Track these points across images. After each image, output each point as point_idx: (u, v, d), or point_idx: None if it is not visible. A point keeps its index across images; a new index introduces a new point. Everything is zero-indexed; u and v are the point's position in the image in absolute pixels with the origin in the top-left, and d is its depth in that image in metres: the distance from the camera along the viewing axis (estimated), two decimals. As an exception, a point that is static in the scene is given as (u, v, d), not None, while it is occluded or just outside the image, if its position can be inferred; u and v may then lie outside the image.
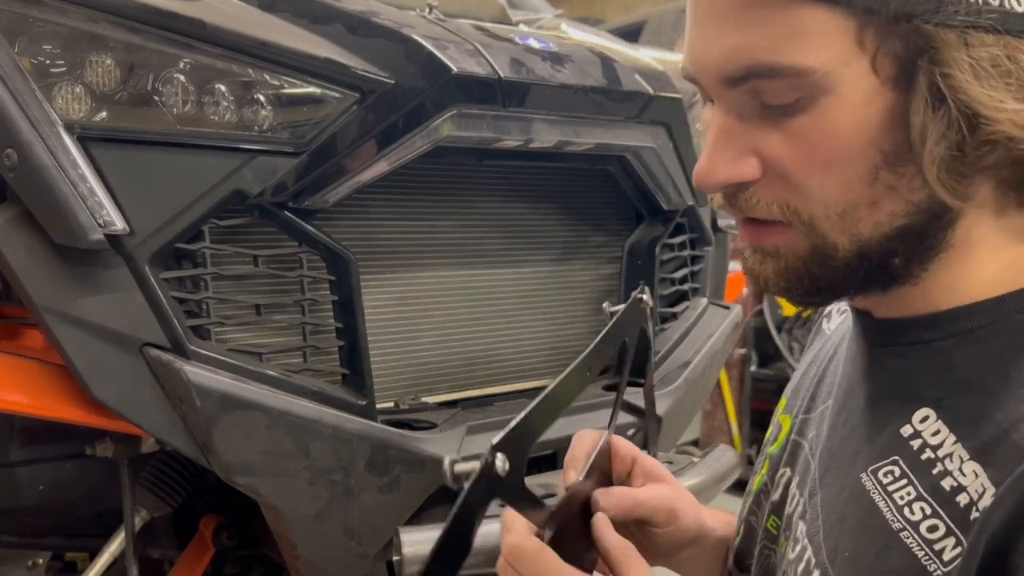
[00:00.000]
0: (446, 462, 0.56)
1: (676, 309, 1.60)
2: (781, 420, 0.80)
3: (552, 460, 1.42)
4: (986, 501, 0.51)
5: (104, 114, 1.05)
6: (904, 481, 0.57)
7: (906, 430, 0.58)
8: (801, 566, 0.65)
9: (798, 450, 0.74)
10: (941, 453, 0.55)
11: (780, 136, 0.57)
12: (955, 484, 0.54)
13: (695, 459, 1.39)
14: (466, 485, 0.56)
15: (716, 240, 1.71)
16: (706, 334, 1.59)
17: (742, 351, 3.82)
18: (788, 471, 0.74)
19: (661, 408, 1.45)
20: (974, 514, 0.52)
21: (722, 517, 0.93)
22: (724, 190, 0.61)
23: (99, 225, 1.01)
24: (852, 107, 0.54)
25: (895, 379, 0.62)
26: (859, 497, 0.60)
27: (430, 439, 1.20)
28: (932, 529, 0.54)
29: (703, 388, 1.63)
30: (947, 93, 0.52)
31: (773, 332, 3.79)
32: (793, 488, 0.72)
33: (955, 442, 0.55)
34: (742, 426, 3.85)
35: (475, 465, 0.58)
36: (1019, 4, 0.51)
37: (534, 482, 1.28)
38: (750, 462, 3.21)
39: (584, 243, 1.50)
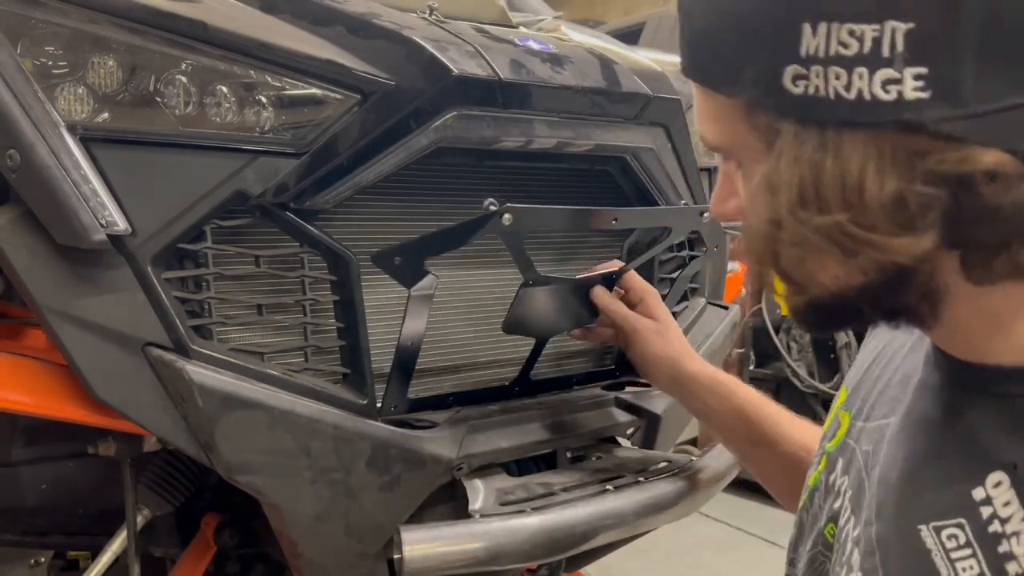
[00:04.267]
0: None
1: (675, 309, 1.61)
2: (841, 416, 0.78)
3: (552, 459, 1.42)
4: None
5: (106, 115, 1.05)
6: (968, 551, 0.55)
7: (978, 493, 0.55)
8: None
9: (853, 457, 0.72)
10: (1009, 529, 0.53)
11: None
12: (1020, 571, 0.52)
13: (694, 458, 1.39)
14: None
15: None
16: (705, 334, 1.59)
17: (740, 351, 3.82)
18: (846, 480, 0.72)
19: (660, 407, 1.45)
20: None
21: (711, 371, 1.18)
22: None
23: (101, 225, 1.01)
24: (752, 177, 0.61)
25: (971, 431, 0.59)
26: (919, 554, 0.58)
27: (431, 438, 1.21)
28: None
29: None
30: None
31: (771, 332, 3.79)
32: (846, 502, 0.70)
33: None
34: (741, 425, 3.85)
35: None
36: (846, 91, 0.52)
37: (534, 480, 1.28)
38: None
39: (583, 243, 1.50)
